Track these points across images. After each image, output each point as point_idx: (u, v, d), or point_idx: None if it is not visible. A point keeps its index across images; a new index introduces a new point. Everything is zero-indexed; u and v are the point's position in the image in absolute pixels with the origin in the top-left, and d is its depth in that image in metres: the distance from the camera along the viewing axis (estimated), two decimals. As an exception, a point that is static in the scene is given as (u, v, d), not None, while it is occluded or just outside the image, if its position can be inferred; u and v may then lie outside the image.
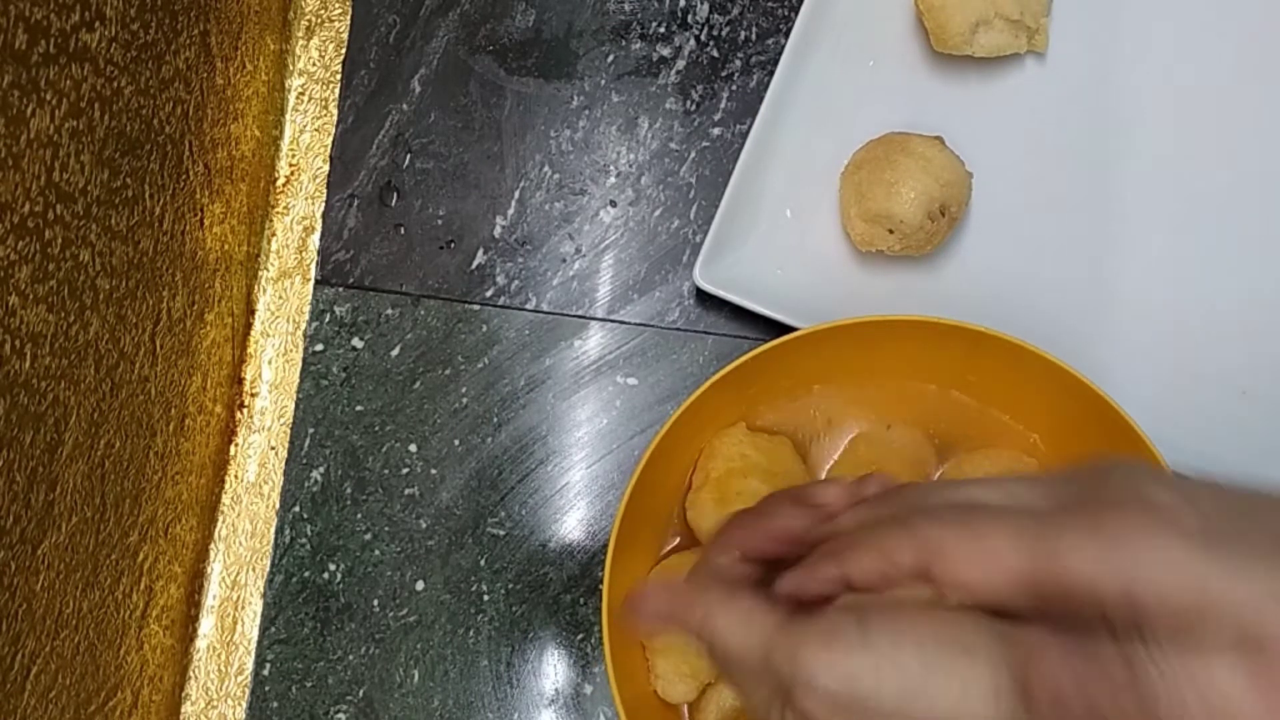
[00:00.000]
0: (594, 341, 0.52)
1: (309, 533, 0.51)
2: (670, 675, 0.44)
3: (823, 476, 0.47)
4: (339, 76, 0.55)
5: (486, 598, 0.51)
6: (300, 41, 0.55)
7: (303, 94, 0.55)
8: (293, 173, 0.54)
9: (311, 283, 0.53)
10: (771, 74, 0.50)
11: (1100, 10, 0.53)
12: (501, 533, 0.51)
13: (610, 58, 0.55)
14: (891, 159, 0.48)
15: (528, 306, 0.53)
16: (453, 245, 0.53)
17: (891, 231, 0.48)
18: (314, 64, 0.55)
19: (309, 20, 0.55)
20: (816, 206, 0.52)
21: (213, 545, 0.51)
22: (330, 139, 0.54)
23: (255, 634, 0.51)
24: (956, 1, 0.49)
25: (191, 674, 0.50)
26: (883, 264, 0.51)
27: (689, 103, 0.54)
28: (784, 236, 0.51)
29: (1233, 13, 0.53)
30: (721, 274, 0.49)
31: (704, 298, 0.52)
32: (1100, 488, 0.26)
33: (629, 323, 0.53)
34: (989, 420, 0.48)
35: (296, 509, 0.51)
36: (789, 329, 0.49)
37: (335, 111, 0.54)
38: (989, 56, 0.51)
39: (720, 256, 0.50)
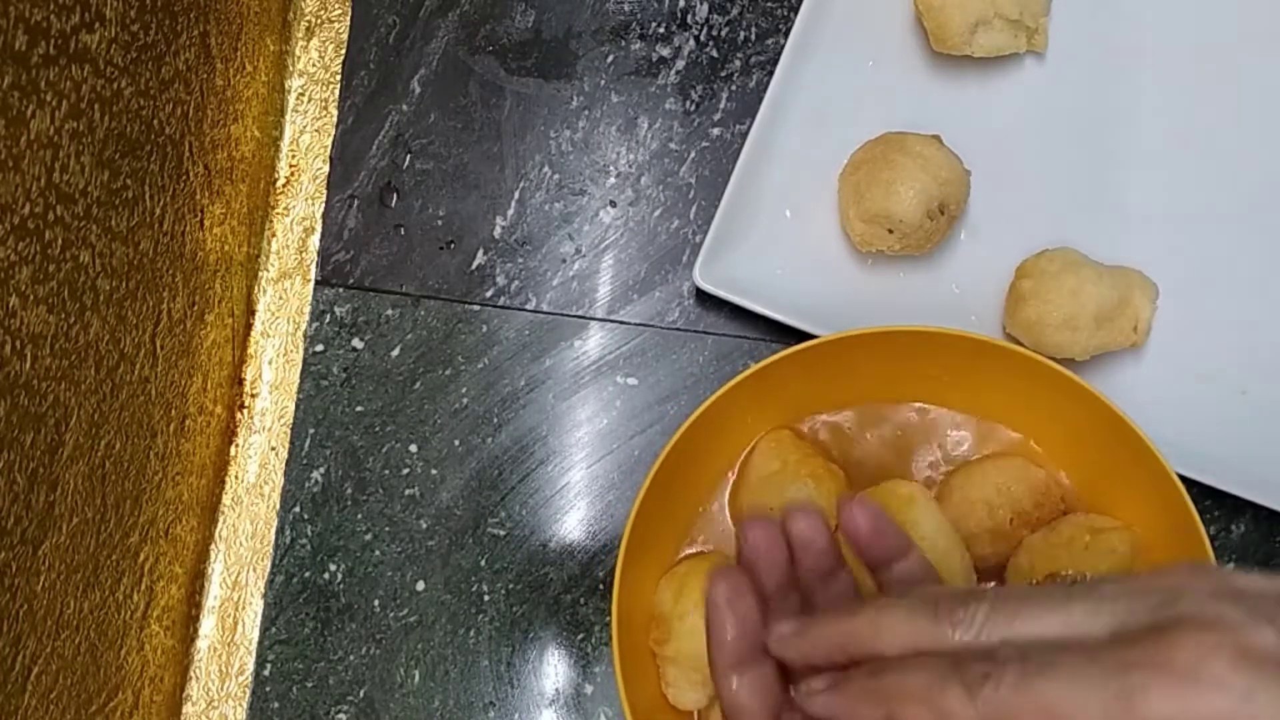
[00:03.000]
0: (594, 342, 0.52)
1: (309, 533, 0.51)
2: (682, 683, 0.43)
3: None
4: (339, 77, 0.55)
5: (487, 598, 0.51)
6: (300, 42, 0.55)
7: (302, 95, 0.55)
8: (292, 173, 0.54)
9: (311, 283, 0.53)
10: (771, 74, 0.50)
11: (1099, 10, 0.53)
12: (502, 533, 0.51)
13: (610, 58, 0.55)
14: (889, 158, 0.48)
15: (528, 307, 0.53)
16: (453, 246, 0.53)
17: (891, 231, 0.48)
18: (314, 65, 0.55)
19: (309, 21, 0.55)
20: (816, 206, 0.52)
21: (213, 546, 0.51)
22: (330, 140, 0.54)
23: (256, 634, 0.51)
24: (956, 1, 0.49)
25: (192, 674, 0.50)
26: (883, 263, 0.51)
27: (689, 103, 0.54)
28: (784, 236, 0.51)
29: (1232, 11, 0.53)
30: (721, 274, 0.49)
31: (704, 298, 0.52)
32: (1167, 607, 0.26)
33: (629, 323, 0.53)
34: (986, 428, 0.47)
35: (297, 509, 0.51)
36: (789, 329, 0.49)
37: (335, 112, 0.54)
38: (988, 56, 0.51)
39: (720, 256, 0.50)
